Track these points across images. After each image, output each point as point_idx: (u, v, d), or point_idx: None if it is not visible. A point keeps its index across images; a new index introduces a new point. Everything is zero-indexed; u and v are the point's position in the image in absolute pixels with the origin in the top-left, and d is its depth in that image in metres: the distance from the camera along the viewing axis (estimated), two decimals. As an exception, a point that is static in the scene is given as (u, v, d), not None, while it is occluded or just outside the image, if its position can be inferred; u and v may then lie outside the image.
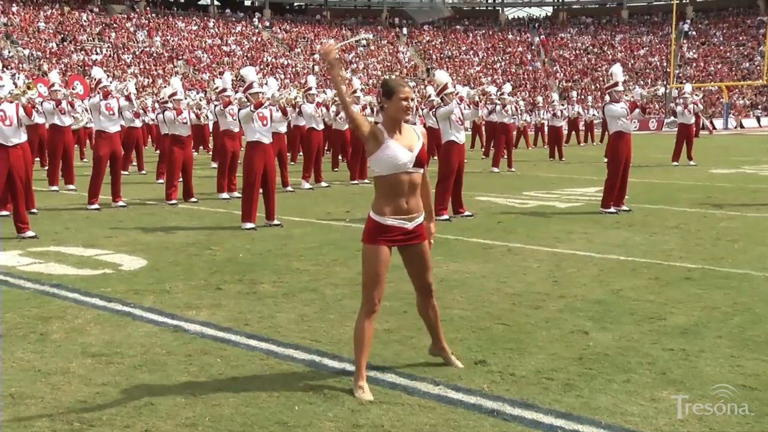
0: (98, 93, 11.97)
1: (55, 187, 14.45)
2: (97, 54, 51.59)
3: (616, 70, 11.31)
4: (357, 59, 63.78)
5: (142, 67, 52.22)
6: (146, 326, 5.33)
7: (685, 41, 63.59)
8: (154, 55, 55.08)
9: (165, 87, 16.08)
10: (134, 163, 18.74)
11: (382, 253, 4.11)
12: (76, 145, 18.70)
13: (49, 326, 5.31)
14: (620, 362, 4.49)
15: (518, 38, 71.02)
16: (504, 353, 4.66)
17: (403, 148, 4.08)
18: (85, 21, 55.97)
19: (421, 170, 4.16)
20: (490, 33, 71.80)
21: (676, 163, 19.55)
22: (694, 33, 65.81)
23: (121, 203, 12.00)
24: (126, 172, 16.28)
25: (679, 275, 6.80)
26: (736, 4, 67.02)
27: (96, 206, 11.65)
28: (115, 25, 57.05)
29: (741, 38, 63.60)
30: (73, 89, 15.60)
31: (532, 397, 3.96)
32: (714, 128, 43.33)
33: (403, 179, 4.08)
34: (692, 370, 4.34)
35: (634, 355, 4.62)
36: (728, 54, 62.01)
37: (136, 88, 15.77)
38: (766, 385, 4.11)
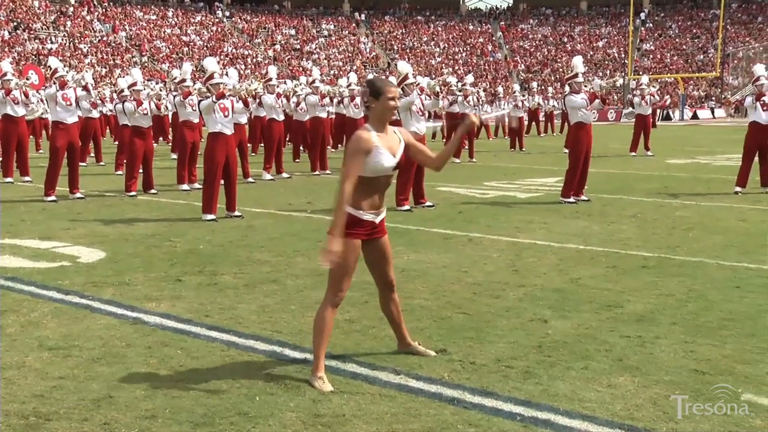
0: (55, 83, 11.72)
1: (9, 179, 14.19)
2: (52, 43, 50.52)
3: (577, 61, 11.46)
4: (318, 50, 63.47)
5: (99, 57, 51.27)
6: (105, 319, 5.27)
7: (642, 29, 64.45)
8: (112, 44, 54.12)
9: (123, 77, 15.81)
10: (92, 155, 18.50)
11: (355, 246, 4.13)
12: (31, 136, 18.37)
13: (3, 320, 5.21)
14: (578, 350, 4.56)
15: (479, 29, 71.32)
16: (464, 342, 4.70)
17: (389, 153, 4.16)
18: (38, 8, 54.70)
19: (397, 171, 4.28)
20: (452, 23, 71.96)
21: (633, 154, 19.84)
22: (650, 24, 66.73)
23: (78, 195, 11.82)
24: (84, 164, 16.07)
25: (635, 264, 6.93)
26: (690, -3, 68.19)
27: (53, 198, 11.45)
28: (70, 13, 55.88)
29: (695, 31, 64.70)
30: (27, 79, 15.29)
31: (492, 385, 4.01)
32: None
33: (382, 181, 4.20)
34: (648, 356, 4.44)
35: (592, 342, 4.70)
36: (684, 46, 63.06)
37: (93, 78, 15.48)
38: (717, 369, 4.22)
